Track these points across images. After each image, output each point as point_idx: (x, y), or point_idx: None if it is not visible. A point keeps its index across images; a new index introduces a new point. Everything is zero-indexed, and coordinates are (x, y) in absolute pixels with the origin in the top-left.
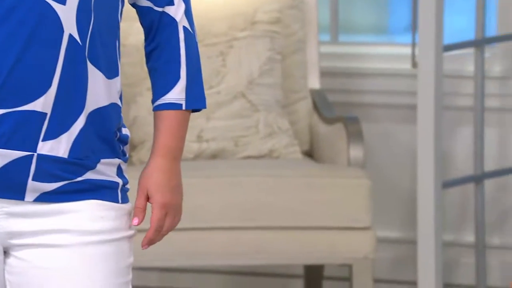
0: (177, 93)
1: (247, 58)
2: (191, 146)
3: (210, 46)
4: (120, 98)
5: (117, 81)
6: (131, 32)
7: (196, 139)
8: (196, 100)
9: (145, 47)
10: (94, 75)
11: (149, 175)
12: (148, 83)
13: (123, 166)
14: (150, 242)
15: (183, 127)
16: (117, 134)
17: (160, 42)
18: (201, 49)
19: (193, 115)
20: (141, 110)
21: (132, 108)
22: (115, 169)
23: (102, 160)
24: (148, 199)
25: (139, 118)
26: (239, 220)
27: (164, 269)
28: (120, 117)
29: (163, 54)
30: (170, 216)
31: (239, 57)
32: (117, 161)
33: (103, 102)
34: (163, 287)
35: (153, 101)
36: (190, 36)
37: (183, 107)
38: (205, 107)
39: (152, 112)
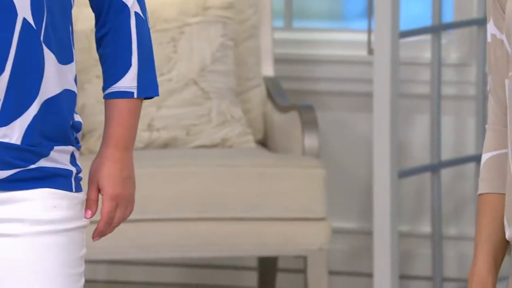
0: (128, 81)
1: (199, 44)
2: (141, 135)
3: (161, 32)
4: (75, 84)
5: (72, 66)
6: (80, 17)
7: (147, 128)
8: (148, 88)
9: (96, 32)
10: (50, 60)
11: (100, 165)
12: (97, 70)
13: (76, 154)
14: (100, 234)
15: (135, 116)
16: (70, 121)
17: (111, 27)
18: (152, 35)
19: (144, 103)
20: (90, 98)
21: (80, 96)
22: (68, 157)
23: (55, 147)
24: (99, 190)
25: (87, 106)
26: (191, 211)
27: (112, 261)
28: (75, 103)
29: (114, 40)
30: (121, 207)
31: (190, 43)
32: (70, 148)
33: (59, 89)
34: (112, 281)
35: (103, 89)
36: (142, 22)
37: (135, 96)
38: (157, 95)
39: (101, 100)
